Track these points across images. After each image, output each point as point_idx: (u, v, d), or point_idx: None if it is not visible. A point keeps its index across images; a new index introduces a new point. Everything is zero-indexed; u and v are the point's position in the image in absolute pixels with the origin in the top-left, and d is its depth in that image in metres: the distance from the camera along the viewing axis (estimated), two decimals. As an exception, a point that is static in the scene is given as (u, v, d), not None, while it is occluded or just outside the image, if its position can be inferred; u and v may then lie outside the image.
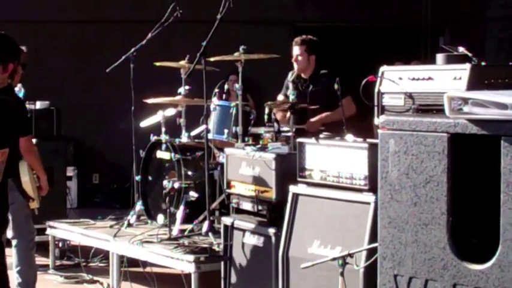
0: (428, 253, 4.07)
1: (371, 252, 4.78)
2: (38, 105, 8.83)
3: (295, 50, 7.71)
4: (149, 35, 7.77)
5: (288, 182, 5.71)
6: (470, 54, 5.23)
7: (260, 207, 5.99)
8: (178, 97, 7.65)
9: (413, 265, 4.14)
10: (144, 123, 7.83)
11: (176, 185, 7.22)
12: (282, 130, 6.87)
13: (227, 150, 6.50)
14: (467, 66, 5.01)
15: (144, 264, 6.92)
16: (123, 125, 8.48)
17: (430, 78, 5.18)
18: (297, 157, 5.69)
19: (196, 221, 7.03)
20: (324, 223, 5.39)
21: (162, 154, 7.55)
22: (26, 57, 7.15)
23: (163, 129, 7.62)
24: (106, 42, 11.51)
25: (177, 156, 7.33)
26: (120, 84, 8.04)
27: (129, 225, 7.50)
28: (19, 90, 7.97)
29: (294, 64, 7.71)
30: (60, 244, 8.26)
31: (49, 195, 8.45)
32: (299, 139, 5.77)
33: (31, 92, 8.61)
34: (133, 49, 7.78)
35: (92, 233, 7.54)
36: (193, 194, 7.20)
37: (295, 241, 5.56)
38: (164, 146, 7.52)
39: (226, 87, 7.54)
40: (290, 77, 7.76)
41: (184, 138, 7.61)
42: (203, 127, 6.95)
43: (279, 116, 7.34)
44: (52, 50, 11.80)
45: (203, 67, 6.58)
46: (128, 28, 10.75)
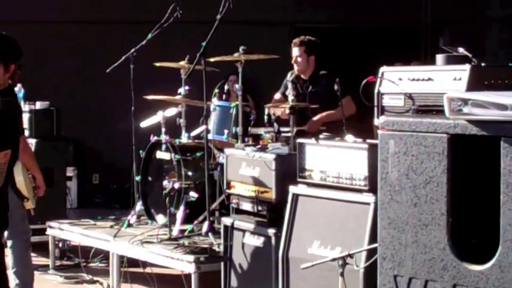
0: (428, 254, 4.07)
1: (371, 252, 4.78)
2: (38, 105, 8.81)
3: (294, 51, 7.71)
4: (149, 36, 7.77)
5: (288, 183, 5.71)
6: (470, 55, 5.23)
7: (260, 207, 5.99)
8: (178, 96, 7.65)
9: (413, 266, 4.14)
10: (144, 123, 7.83)
11: (176, 186, 7.22)
12: (282, 131, 6.86)
13: (227, 150, 6.50)
14: (467, 67, 5.00)
15: (144, 264, 6.92)
16: (123, 125, 8.47)
17: (430, 79, 5.17)
18: (297, 157, 5.69)
19: (196, 222, 7.03)
20: (324, 223, 5.39)
21: (162, 154, 7.54)
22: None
23: (163, 129, 7.62)
24: (106, 42, 11.50)
25: (177, 156, 7.32)
26: (120, 84, 8.04)
27: (129, 225, 7.50)
28: (19, 90, 7.99)
29: (294, 65, 7.71)
30: (60, 244, 8.24)
31: (49, 195, 8.45)
32: (299, 140, 5.77)
33: (31, 92, 8.63)
34: (133, 49, 7.79)
35: (92, 233, 7.53)
36: (193, 195, 7.20)
37: (295, 241, 5.56)
38: (164, 147, 7.51)
39: (226, 87, 7.54)
40: (289, 77, 7.77)
41: (184, 138, 7.61)
42: (203, 127, 6.95)
43: (279, 112, 7.33)
44: (52, 50, 11.79)
45: (203, 67, 6.58)
46: (128, 28, 10.74)
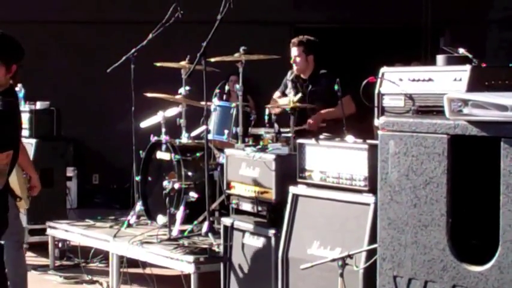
0: (427, 254, 4.07)
1: (371, 253, 4.77)
2: (38, 105, 8.82)
3: (293, 51, 7.71)
4: (150, 36, 7.77)
5: (288, 183, 5.71)
6: (470, 55, 5.22)
7: (260, 208, 5.99)
8: (178, 96, 7.65)
9: (412, 266, 4.14)
10: (144, 123, 7.83)
11: (176, 186, 7.21)
12: (282, 131, 6.86)
13: (227, 151, 6.50)
14: (467, 67, 5.00)
15: (144, 264, 6.92)
16: (123, 126, 8.48)
17: (430, 79, 5.17)
18: (297, 158, 5.69)
19: (196, 222, 7.03)
20: (324, 224, 5.39)
21: (162, 155, 7.54)
22: None
23: (163, 129, 7.61)
24: (106, 42, 11.49)
25: (177, 156, 7.32)
26: (120, 84, 8.04)
27: (129, 225, 7.50)
28: (19, 90, 7.98)
29: (293, 65, 7.71)
30: (60, 244, 8.24)
31: (49, 195, 8.55)
32: (299, 140, 5.77)
33: (31, 92, 8.63)
34: (133, 50, 7.78)
35: (92, 234, 7.53)
36: (193, 195, 7.19)
37: (295, 242, 5.56)
38: (164, 147, 7.51)
39: (226, 87, 7.55)
40: (289, 76, 7.77)
41: (184, 138, 7.61)
42: (203, 128, 6.95)
43: (278, 110, 7.33)
44: (52, 51, 11.79)
45: (203, 68, 6.58)
46: (129, 29, 10.73)
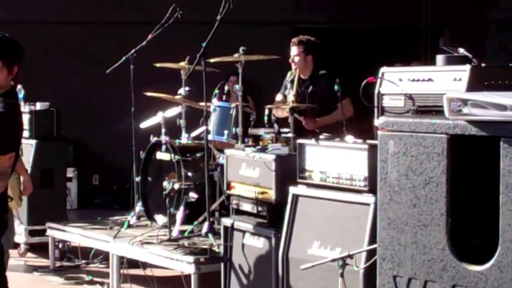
0: (427, 254, 4.07)
1: (371, 253, 4.77)
2: (38, 106, 8.82)
3: (292, 51, 7.70)
4: (149, 36, 7.78)
5: (288, 183, 5.71)
6: (470, 55, 5.22)
7: (260, 208, 5.99)
8: (177, 96, 7.65)
9: (412, 266, 4.14)
10: (144, 124, 7.83)
11: (176, 186, 7.22)
12: (282, 131, 6.86)
13: (227, 151, 6.50)
14: (467, 67, 4.99)
15: (144, 265, 6.92)
16: (123, 126, 8.48)
17: (430, 79, 5.17)
18: (297, 158, 5.69)
19: (196, 222, 7.03)
20: (324, 224, 5.39)
21: (162, 155, 7.54)
22: None
23: (163, 130, 7.62)
24: (106, 43, 11.50)
25: (177, 157, 7.32)
26: (120, 85, 8.04)
27: (129, 226, 7.50)
28: (19, 91, 7.98)
29: (292, 64, 7.71)
30: (60, 245, 8.24)
31: (49, 196, 8.56)
32: (299, 140, 5.77)
33: (31, 93, 8.63)
34: (133, 50, 7.79)
35: (92, 234, 7.53)
36: (193, 195, 7.20)
37: (295, 242, 5.56)
38: (164, 147, 7.51)
39: (226, 88, 7.54)
40: (289, 77, 7.76)
41: (184, 139, 7.61)
42: (203, 128, 6.95)
43: (280, 113, 7.33)
44: (52, 51, 11.80)
45: (203, 68, 6.58)
46: (128, 29, 10.74)
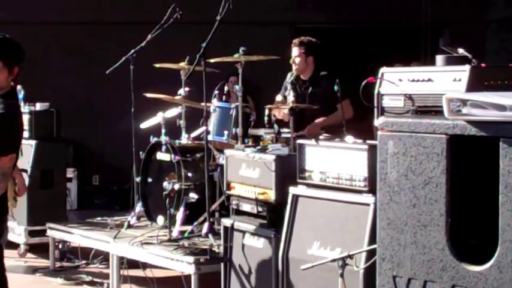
0: (427, 254, 4.07)
1: (371, 253, 4.77)
2: (38, 106, 8.83)
3: (293, 52, 7.71)
4: (149, 37, 7.78)
5: (288, 184, 5.71)
6: (470, 55, 5.23)
7: (260, 208, 5.99)
8: (177, 97, 7.65)
9: (412, 266, 4.14)
10: (144, 124, 7.83)
11: (176, 187, 7.22)
12: (282, 131, 6.86)
13: (227, 151, 6.50)
14: (466, 67, 5.00)
15: (144, 265, 6.92)
16: (123, 127, 8.48)
17: (430, 79, 5.17)
18: (297, 158, 5.69)
19: (196, 223, 7.03)
20: (324, 224, 5.39)
21: (162, 155, 7.54)
22: None
23: (163, 130, 7.61)
24: (106, 43, 11.50)
25: (177, 157, 7.32)
26: (120, 85, 8.04)
27: (129, 226, 7.50)
28: (19, 91, 7.98)
29: (292, 65, 7.71)
30: (60, 246, 8.24)
31: (49, 196, 8.57)
32: (299, 140, 5.77)
33: (31, 94, 8.63)
34: (133, 50, 7.78)
35: (92, 235, 7.53)
36: (193, 196, 7.20)
37: (295, 242, 5.56)
38: (164, 148, 7.51)
39: (226, 88, 7.54)
40: (289, 78, 7.76)
41: (184, 139, 7.61)
42: (203, 128, 6.94)
43: (280, 114, 7.33)
44: (52, 52, 11.79)
45: (203, 68, 6.58)
46: (128, 29, 10.73)
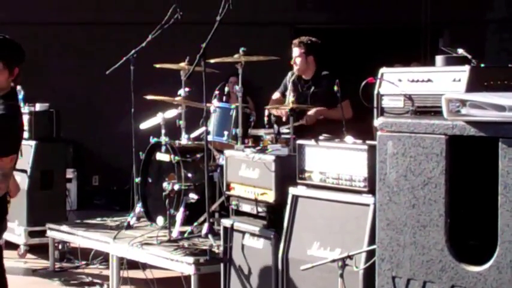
0: (426, 255, 4.07)
1: (370, 253, 4.76)
2: (38, 107, 8.83)
3: (293, 52, 7.71)
4: (149, 37, 7.78)
5: (288, 184, 5.71)
6: (469, 56, 5.23)
7: (260, 209, 5.98)
8: (178, 98, 7.65)
9: (411, 267, 4.14)
10: (144, 125, 7.82)
11: (176, 187, 7.22)
12: (282, 132, 6.86)
13: (227, 152, 6.49)
14: (466, 68, 5.01)
15: (144, 266, 6.92)
16: (122, 127, 8.48)
17: (429, 80, 5.18)
18: (297, 159, 5.69)
19: (196, 223, 7.03)
20: (324, 225, 5.39)
21: (162, 156, 7.54)
22: None
23: (163, 131, 7.61)
24: (106, 44, 11.50)
25: (177, 158, 7.32)
26: (120, 86, 8.04)
27: (129, 227, 7.50)
28: (18, 92, 7.98)
29: (293, 66, 7.71)
30: (60, 246, 8.24)
31: (49, 197, 8.57)
32: (299, 141, 5.77)
33: (31, 94, 8.63)
34: (133, 51, 7.78)
35: (92, 235, 7.53)
36: (193, 196, 7.20)
37: (294, 243, 5.56)
38: (164, 148, 7.51)
39: (226, 89, 7.55)
40: (290, 77, 7.76)
41: (184, 140, 7.61)
42: (203, 129, 6.95)
43: (278, 112, 7.34)
44: (52, 52, 11.79)
45: (203, 69, 6.58)
46: (128, 30, 10.73)
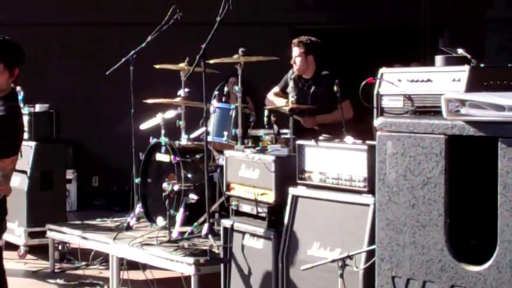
0: (426, 255, 4.07)
1: (370, 253, 4.76)
2: (37, 108, 8.83)
3: (293, 52, 7.71)
4: (149, 38, 7.78)
5: (288, 184, 5.71)
6: (469, 56, 5.23)
7: (260, 209, 5.99)
8: (177, 99, 7.65)
9: (411, 267, 4.14)
10: (144, 125, 7.83)
11: (176, 188, 7.22)
12: (282, 132, 6.86)
13: (227, 152, 6.49)
14: (466, 68, 5.00)
15: (144, 266, 6.93)
16: (122, 128, 8.48)
17: (429, 80, 5.18)
18: (297, 159, 5.69)
19: (196, 224, 7.03)
20: (324, 225, 5.39)
21: (162, 156, 7.54)
22: None
23: (162, 131, 7.61)
24: (106, 44, 11.51)
25: (177, 158, 7.32)
26: (119, 86, 8.04)
27: (129, 227, 7.51)
28: (18, 93, 7.98)
29: (293, 65, 7.71)
30: (60, 247, 8.24)
31: (49, 198, 8.57)
32: (298, 141, 5.77)
33: (30, 95, 8.63)
34: (133, 51, 7.78)
35: (92, 236, 7.53)
36: (192, 197, 7.20)
37: (294, 243, 5.56)
38: (164, 149, 7.51)
39: (225, 89, 7.55)
40: (291, 75, 7.75)
41: (183, 140, 7.61)
42: (203, 129, 6.95)
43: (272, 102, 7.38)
44: (51, 53, 11.80)
45: (203, 69, 6.59)
46: (128, 30, 10.74)
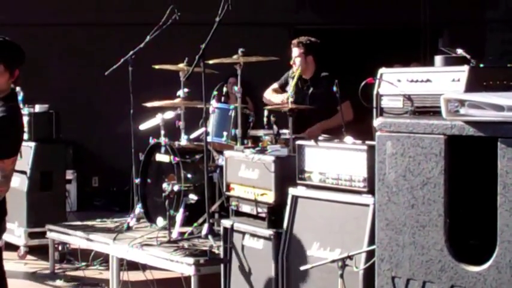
0: (425, 255, 4.07)
1: (370, 254, 4.77)
2: (37, 108, 8.84)
3: (293, 52, 7.71)
4: (148, 38, 7.78)
5: (288, 185, 5.71)
6: (468, 56, 5.23)
7: (259, 209, 5.99)
8: (177, 100, 7.65)
9: (410, 267, 4.14)
10: (144, 126, 7.83)
11: (175, 188, 7.22)
12: (281, 132, 6.86)
13: (226, 152, 6.50)
14: (465, 68, 5.01)
15: (144, 267, 6.93)
16: (122, 128, 8.48)
17: (429, 80, 5.18)
18: (297, 159, 5.69)
19: (196, 224, 7.03)
20: (324, 225, 5.39)
21: (161, 157, 7.54)
22: None
23: (162, 132, 7.61)
24: (105, 45, 11.51)
25: (177, 159, 7.33)
26: (119, 87, 8.04)
27: (129, 228, 7.51)
28: (18, 93, 7.98)
29: (293, 66, 7.71)
30: (59, 247, 8.24)
31: (48, 198, 8.57)
32: (298, 141, 5.77)
33: (30, 95, 8.63)
34: (132, 52, 7.79)
35: (92, 236, 7.53)
36: (192, 197, 7.20)
37: (294, 243, 5.56)
38: (163, 149, 7.51)
39: (225, 89, 7.55)
40: (292, 73, 7.75)
41: (183, 141, 7.61)
42: (202, 130, 6.96)
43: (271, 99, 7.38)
44: (51, 53, 11.79)
45: (202, 70, 6.59)
46: (127, 31, 10.74)
